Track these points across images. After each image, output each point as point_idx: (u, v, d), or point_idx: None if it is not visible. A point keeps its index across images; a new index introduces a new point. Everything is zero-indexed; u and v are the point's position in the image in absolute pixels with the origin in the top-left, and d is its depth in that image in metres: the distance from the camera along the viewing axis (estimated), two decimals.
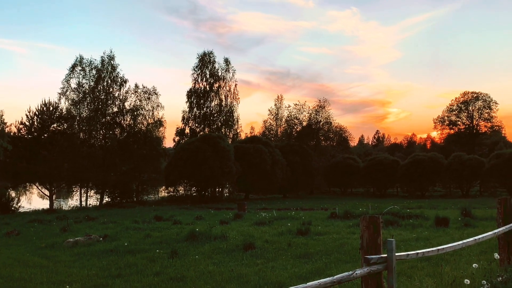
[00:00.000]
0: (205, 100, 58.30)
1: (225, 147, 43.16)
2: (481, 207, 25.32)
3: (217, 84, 58.79)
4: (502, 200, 6.38)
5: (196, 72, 59.01)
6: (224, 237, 13.45)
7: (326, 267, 9.18)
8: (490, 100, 77.57)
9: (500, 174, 45.09)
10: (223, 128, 58.53)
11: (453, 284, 5.33)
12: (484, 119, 78.17)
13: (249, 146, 47.44)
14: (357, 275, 3.20)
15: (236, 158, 44.11)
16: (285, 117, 71.01)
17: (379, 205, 28.66)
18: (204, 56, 59.31)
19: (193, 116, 58.35)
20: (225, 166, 41.81)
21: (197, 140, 44.60)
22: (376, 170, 53.68)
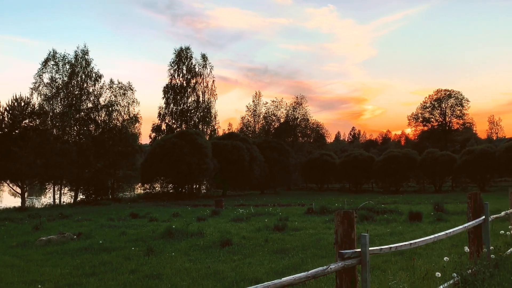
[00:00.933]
0: (182, 96, 57.81)
1: (202, 144, 42.93)
2: (453, 202, 26.00)
3: (194, 80, 58.40)
4: (472, 195, 6.56)
5: (172, 67, 58.47)
6: (201, 234, 13.40)
7: (302, 262, 9.25)
8: (462, 98, 79.59)
9: (471, 170, 46.38)
10: (201, 125, 58.21)
11: (425, 277, 5.45)
12: (456, 116, 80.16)
13: (227, 143, 47.33)
14: (332, 269, 3.22)
15: (214, 155, 43.95)
16: (263, 114, 71.22)
17: (355, 201, 29.08)
18: (181, 51, 58.78)
19: (169, 112, 57.80)
20: (203, 162, 41.60)
21: (174, 137, 44.22)
22: (352, 166, 54.44)
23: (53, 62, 46.89)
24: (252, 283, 7.82)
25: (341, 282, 3.52)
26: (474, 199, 6.42)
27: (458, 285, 5.07)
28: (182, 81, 58.21)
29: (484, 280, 5.24)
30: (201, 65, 59.30)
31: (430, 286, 5.00)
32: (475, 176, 47.15)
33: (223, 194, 47.53)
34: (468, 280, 5.19)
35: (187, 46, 59.51)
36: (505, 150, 45.13)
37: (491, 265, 5.81)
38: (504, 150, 45.27)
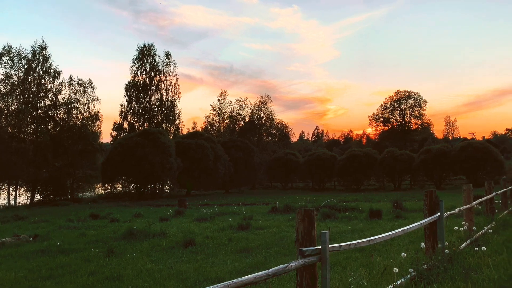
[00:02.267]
0: (145, 94, 56.81)
1: (165, 143, 42.33)
2: (411, 199, 26.86)
3: (158, 77, 57.55)
4: (428, 192, 6.80)
5: (135, 65, 57.38)
6: (164, 234, 13.22)
7: (265, 261, 9.29)
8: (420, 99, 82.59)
9: (428, 169, 48.12)
10: (164, 123, 57.41)
11: (383, 273, 5.61)
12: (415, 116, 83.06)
13: (191, 142, 46.90)
14: (292, 267, 3.25)
15: (178, 154, 43.43)
16: (228, 113, 71.10)
17: (318, 199, 29.52)
18: (144, 48, 57.76)
19: (132, 111, 56.67)
20: (166, 162, 41.01)
21: (136, 135, 43.37)
22: (315, 165, 55.27)
23: (8, 57, 44.82)
24: (215, 283, 7.78)
25: (301, 280, 3.56)
26: (430, 196, 6.66)
27: (415, 280, 5.24)
28: (145, 78, 57.23)
29: (439, 275, 5.45)
30: (165, 62, 58.58)
31: (388, 281, 5.14)
32: (432, 175, 48.94)
33: (187, 194, 47.06)
34: (424, 275, 5.37)
35: (151, 43, 58.67)
36: (460, 150, 47.14)
37: (445, 260, 6.04)
38: (459, 150, 47.28)
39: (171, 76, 58.82)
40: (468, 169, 46.18)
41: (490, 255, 6.78)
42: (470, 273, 5.63)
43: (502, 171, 42.33)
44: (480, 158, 45.11)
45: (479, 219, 11.41)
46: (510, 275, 5.58)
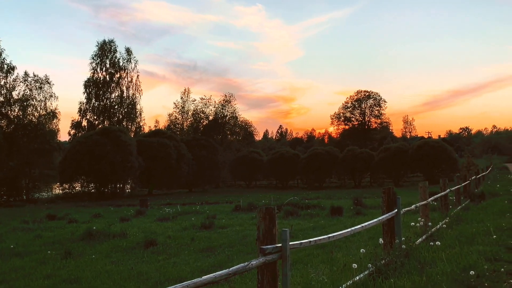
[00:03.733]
0: (105, 91, 55.32)
1: (126, 141, 41.37)
2: (371, 196, 27.57)
3: (118, 74, 56.16)
4: (386, 190, 7.00)
5: (95, 61, 55.78)
6: (124, 235, 12.93)
7: (228, 260, 9.28)
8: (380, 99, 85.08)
9: (387, 166, 49.54)
10: (125, 121, 56.15)
11: (343, 269, 5.72)
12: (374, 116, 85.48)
13: (153, 140, 46.07)
14: (253, 265, 3.25)
15: (139, 153, 42.56)
16: (191, 111, 70.33)
17: (281, 197, 29.75)
18: (105, 44, 56.24)
19: (91, 108, 55.07)
20: (127, 160, 40.10)
21: (96, 134, 42.13)
22: (279, 164, 55.68)
23: None
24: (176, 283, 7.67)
25: (262, 278, 3.57)
26: (388, 193, 6.85)
27: (373, 275, 5.38)
28: (105, 75, 55.73)
29: (396, 269, 5.62)
30: (126, 59, 57.23)
31: (348, 277, 5.24)
32: (391, 172, 50.41)
33: (149, 193, 46.21)
34: (382, 270, 5.52)
35: (111, 39, 57.16)
36: (417, 148, 48.86)
37: (402, 255, 6.24)
38: (416, 148, 48.99)
39: (132, 73, 57.66)
40: (425, 167, 47.92)
41: (444, 249, 7.07)
42: (425, 267, 5.84)
43: (456, 169, 44.19)
44: (436, 156, 46.92)
45: (435, 215, 11.87)
46: (462, 268, 5.83)
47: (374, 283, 5.02)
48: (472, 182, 19.70)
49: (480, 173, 28.25)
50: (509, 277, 5.60)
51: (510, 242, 7.85)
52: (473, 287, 5.02)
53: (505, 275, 5.59)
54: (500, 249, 7.20)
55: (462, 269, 5.74)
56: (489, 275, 5.52)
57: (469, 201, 16.30)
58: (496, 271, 5.75)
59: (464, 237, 8.35)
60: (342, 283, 4.94)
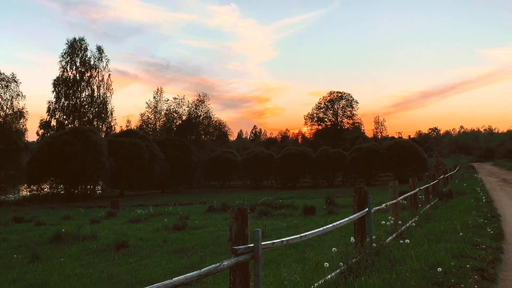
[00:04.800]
0: (75, 90, 54.01)
1: (97, 141, 40.51)
2: (343, 196, 27.97)
3: (89, 73, 54.95)
4: (357, 189, 7.10)
5: (64, 59, 54.39)
6: (95, 237, 12.67)
7: (201, 261, 9.22)
8: (352, 100, 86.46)
9: (359, 166, 50.39)
10: (96, 121, 54.97)
11: (316, 268, 5.77)
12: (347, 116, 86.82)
13: (125, 140, 45.27)
14: (225, 266, 3.24)
15: (110, 153, 41.73)
16: (164, 111, 69.51)
17: (255, 197, 29.79)
18: (75, 42, 54.90)
19: (60, 107, 53.67)
20: (98, 161, 39.26)
21: (65, 134, 41.07)
22: (253, 164, 55.75)
23: None
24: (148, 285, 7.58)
25: (234, 278, 3.56)
26: (359, 193, 6.95)
27: (344, 273, 5.44)
28: (75, 74, 54.42)
29: (367, 267, 5.70)
30: (97, 57, 56.05)
31: (320, 276, 5.29)
32: (363, 172, 51.28)
33: (120, 195, 45.38)
34: (353, 268, 5.60)
35: (81, 37, 55.86)
36: (388, 148, 49.92)
37: (373, 253, 6.34)
38: (387, 148, 50.04)
39: (103, 72, 56.50)
40: (395, 166, 48.98)
41: (413, 247, 7.22)
42: (395, 265, 5.95)
43: (426, 168, 45.34)
44: (406, 156, 48.05)
45: (405, 213, 12.13)
46: (430, 265, 5.97)
47: (345, 282, 5.08)
48: (440, 181, 20.24)
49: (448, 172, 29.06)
50: (475, 273, 5.77)
51: (476, 239, 8.10)
52: (440, 283, 5.14)
53: (470, 271, 5.76)
54: (466, 246, 7.41)
55: (430, 266, 5.88)
56: (455, 272, 5.67)
57: (438, 200, 16.73)
58: (462, 267, 5.91)
59: (432, 235, 8.55)
60: (314, 282, 4.98)
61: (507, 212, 12.99)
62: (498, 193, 19.90)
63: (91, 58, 55.56)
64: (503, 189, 22.28)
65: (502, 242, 8.38)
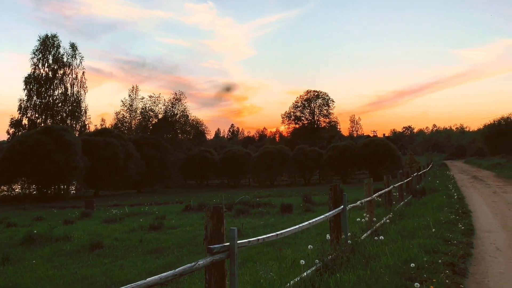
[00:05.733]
0: (48, 88, 52.70)
1: (71, 140, 39.64)
2: (319, 193, 28.20)
3: (62, 70, 53.72)
4: (333, 187, 7.18)
5: (36, 56, 53.03)
6: (68, 238, 12.40)
7: (178, 261, 9.13)
8: (328, 99, 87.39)
9: (335, 164, 50.95)
10: (69, 120, 53.83)
11: (292, 265, 5.80)
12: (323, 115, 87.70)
13: (99, 139, 44.46)
14: (200, 265, 3.21)
15: (84, 152, 40.91)
16: (139, 109, 68.58)
17: (233, 196, 29.73)
18: (47, 39, 53.59)
19: (32, 106, 52.30)
20: (71, 160, 38.42)
21: (38, 133, 40.02)
22: (231, 162, 55.65)
23: None
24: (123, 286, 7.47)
25: (210, 277, 3.54)
26: (334, 190, 7.03)
27: (320, 270, 5.49)
28: (47, 71, 53.11)
29: (342, 264, 5.77)
30: (70, 55, 54.88)
31: (296, 273, 5.32)
32: (339, 170, 51.88)
33: (95, 195, 44.56)
34: (329, 265, 5.66)
35: (54, 34, 54.52)
36: (363, 146, 50.64)
37: (348, 250, 6.42)
38: (362, 146, 50.76)
39: (77, 70, 55.35)
40: (370, 164, 49.75)
41: (388, 244, 7.35)
42: (369, 261, 6.05)
43: (400, 166, 46.20)
44: (381, 154, 48.86)
45: (379, 210, 12.34)
46: (403, 260, 6.09)
47: (321, 279, 5.13)
48: (414, 179, 20.68)
49: (422, 170, 29.72)
50: (446, 268, 5.92)
51: (448, 235, 8.31)
52: (413, 278, 5.25)
53: (442, 266, 5.90)
54: (438, 241, 7.59)
55: (404, 262, 5.99)
56: (428, 267, 5.80)
57: (411, 197, 17.08)
58: (434, 262, 6.05)
59: (406, 231, 8.73)
60: (290, 280, 5.01)
61: (478, 208, 13.38)
62: (469, 189, 20.48)
63: (64, 55, 54.42)
64: (474, 186, 22.94)
65: (473, 237, 8.63)
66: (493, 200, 15.44)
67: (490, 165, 43.77)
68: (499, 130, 65.09)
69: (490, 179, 27.42)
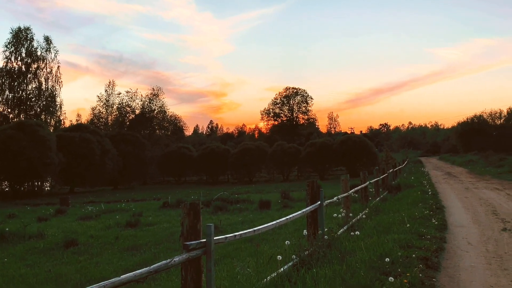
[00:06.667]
0: (21, 83, 51.25)
1: (45, 136, 38.69)
2: (298, 190, 28.40)
3: (36, 64, 52.29)
4: (310, 183, 7.23)
5: (9, 49, 51.43)
6: (42, 236, 12.15)
7: (154, 258, 9.06)
8: (307, 96, 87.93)
9: (313, 161, 51.41)
10: (43, 115, 52.52)
11: (269, 261, 5.82)
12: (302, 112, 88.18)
13: (75, 135, 43.56)
14: (176, 262, 3.19)
15: (60, 148, 40.03)
16: (116, 105, 67.45)
17: (211, 192, 29.66)
18: (20, 32, 52.06)
19: (4, 100, 50.80)
20: (46, 157, 37.54)
21: (10, 128, 38.89)
22: (209, 159, 55.42)
23: None
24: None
25: (186, 274, 3.52)
26: (312, 186, 7.08)
27: (297, 266, 5.53)
28: (20, 65, 51.60)
29: (318, 259, 5.83)
30: (44, 48, 53.42)
31: (273, 269, 5.34)
32: (317, 166, 52.38)
33: (70, 191, 43.72)
34: (306, 260, 5.70)
35: (27, 26, 52.96)
36: (341, 143, 51.25)
37: (324, 245, 6.48)
38: (340, 143, 51.37)
39: (51, 63, 53.95)
40: (348, 161, 50.40)
41: (363, 239, 7.46)
42: (346, 256, 6.13)
43: (376, 162, 46.92)
44: (358, 150, 49.55)
45: (356, 206, 12.50)
46: (379, 255, 6.19)
47: (297, 274, 5.16)
48: (389, 175, 21.03)
49: (397, 166, 30.26)
50: (420, 262, 6.05)
51: (422, 230, 8.49)
52: (388, 273, 5.34)
53: (416, 261, 6.03)
54: (413, 236, 7.75)
55: (379, 256, 6.09)
56: (402, 261, 5.91)
57: (387, 193, 17.37)
58: (408, 257, 6.18)
59: (381, 227, 8.87)
60: (267, 275, 5.02)
61: (451, 203, 13.72)
62: (443, 185, 20.98)
63: (38, 48, 52.98)
64: (447, 182, 23.51)
65: (446, 232, 8.84)
66: (465, 196, 15.86)
67: (463, 162, 44.95)
68: (472, 127, 66.89)
69: (463, 176, 28.15)
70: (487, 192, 17.09)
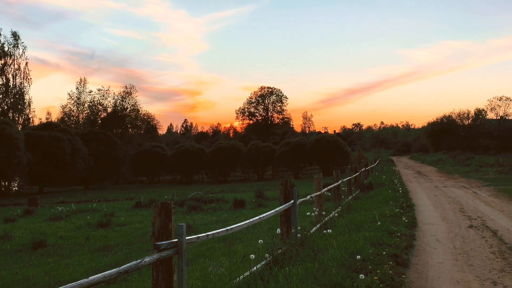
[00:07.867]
0: None
1: (12, 134, 37.53)
2: (272, 188, 28.53)
3: (3, 61, 50.69)
4: (284, 182, 7.26)
5: None
6: (9, 237, 11.78)
7: (126, 258, 8.93)
8: (282, 95, 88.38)
9: (288, 160, 51.78)
10: (11, 113, 50.96)
11: (243, 260, 5.82)
12: (277, 111, 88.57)
13: (44, 134, 42.42)
14: (146, 262, 3.14)
15: (28, 147, 38.91)
16: (88, 103, 66.03)
17: (185, 192, 29.43)
18: None
19: None
20: (13, 156, 36.42)
21: None
22: (183, 158, 55.00)
23: None
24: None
25: (157, 274, 3.47)
26: (285, 185, 7.11)
27: (270, 264, 5.55)
28: None
29: (291, 258, 5.86)
30: (12, 44, 51.85)
31: (246, 268, 5.34)
32: (291, 165, 52.76)
33: (39, 191, 42.56)
34: (279, 259, 5.72)
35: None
36: (314, 142, 51.78)
37: (297, 243, 6.53)
38: (314, 142, 51.90)
39: (19, 60, 52.44)
40: (321, 160, 51.00)
41: (336, 237, 7.55)
42: (318, 254, 6.19)
43: (349, 161, 47.65)
44: (331, 149, 50.19)
45: (329, 204, 12.64)
46: (350, 253, 6.28)
47: (270, 272, 5.18)
48: (362, 174, 21.37)
49: (369, 165, 30.79)
50: (390, 259, 6.17)
51: (392, 227, 8.66)
52: (358, 270, 5.42)
53: (386, 258, 6.15)
54: (383, 234, 7.89)
55: (351, 254, 6.18)
56: (373, 259, 6.02)
57: (359, 191, 17.64)
58: (379, 254, 6.29)
59: (353, 225, 9.00)
60: (240, 274, 5.02)
61: (421, 202, 14.06)
62: (413, 184, 21.47)
63: (5, 44, 51.34)
64: (418, 180, 24.08)
65: (415, 230, 9.05)
66: (434, 194, 16.28)
67: (433, 161, 46.14)
68: (441, 127, 68.76)
69: (432, 174, 28.89)
70: (455, 190, 17.60)
